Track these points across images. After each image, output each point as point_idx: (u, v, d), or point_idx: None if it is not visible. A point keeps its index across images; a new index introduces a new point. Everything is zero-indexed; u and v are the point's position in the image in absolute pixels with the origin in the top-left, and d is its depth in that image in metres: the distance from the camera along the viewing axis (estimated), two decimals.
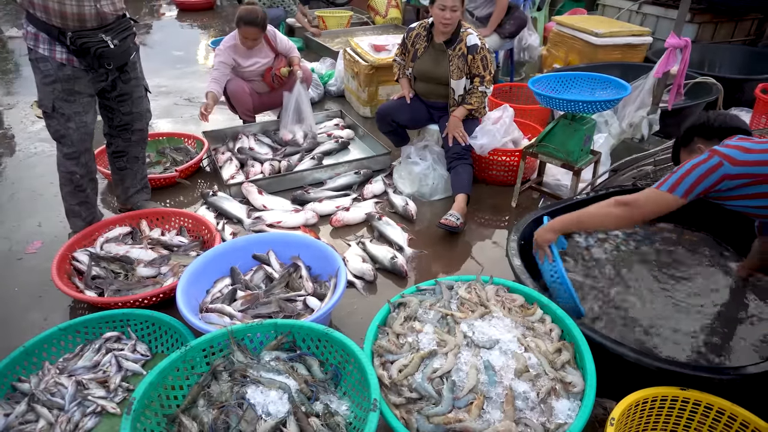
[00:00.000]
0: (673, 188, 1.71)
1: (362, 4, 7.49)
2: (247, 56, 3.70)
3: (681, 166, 1.74)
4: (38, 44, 2.32)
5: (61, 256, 2.49)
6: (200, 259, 2.37)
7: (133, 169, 2.95)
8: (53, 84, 2.37)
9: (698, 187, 1.69)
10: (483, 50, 3.04)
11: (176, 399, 1.68)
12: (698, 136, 1.92)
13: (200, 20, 8.65)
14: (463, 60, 3.04)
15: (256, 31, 3.54)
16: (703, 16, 5.28)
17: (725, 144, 1.75)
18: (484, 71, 3.06)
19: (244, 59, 3.70)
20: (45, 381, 1.93)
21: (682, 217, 2.43)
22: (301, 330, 1.84)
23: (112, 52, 2.39)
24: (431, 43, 3.15)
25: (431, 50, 3.16)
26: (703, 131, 1.91)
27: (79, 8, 2.27)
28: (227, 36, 3.69)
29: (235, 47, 3.64)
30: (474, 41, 3.02)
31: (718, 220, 2.45)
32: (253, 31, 3.53)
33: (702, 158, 1.71)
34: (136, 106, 2.73)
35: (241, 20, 3.48)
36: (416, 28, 3.23)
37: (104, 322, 2.16)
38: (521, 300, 1.96)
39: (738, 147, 1.71)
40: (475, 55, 3.02)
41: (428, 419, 1.56)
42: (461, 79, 3.09)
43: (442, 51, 3.11)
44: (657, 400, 1.68)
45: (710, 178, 1.68)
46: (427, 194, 3.34)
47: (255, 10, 3.52)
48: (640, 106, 3.59)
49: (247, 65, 3.73)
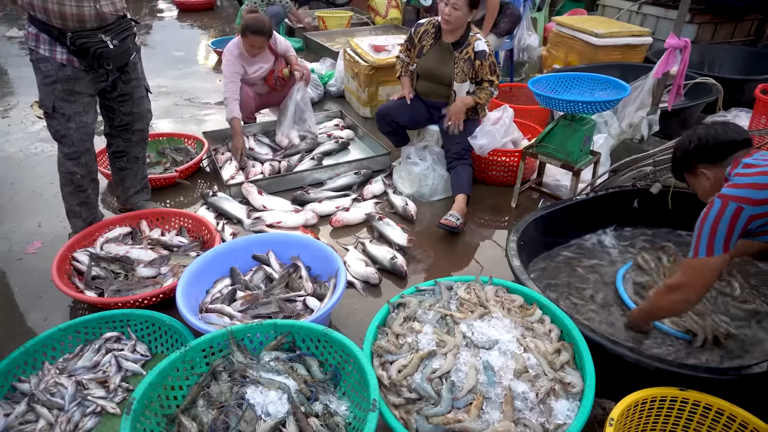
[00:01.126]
0: (711, 250, 1.66)
1: (362, 5, 7.50)
2: (252, 63, 3.70)
3: (702, 227, 1.68)
4: (39, 45, 2.33)
5: (61, 257, 2.49)
6: (200, 259, 2.38)
7: (134, 170, 2.95)
8: (54, 84, 2.38)
9: (732, 237, 1.65)
10: (491, 57, 3.05)
11: (176, 399, 1.69)
12: (697, 162, 1.86)
13: (200, 21, 8.65)
14: (469, 64, 3.03)
15: (263, 40, 3.55)
16: (703, 17, 5.29)
17: (734, 184, 1.69)
18: (492, 75, 3.07)
19: (249, 66, 3.70)
20: (45, 381, 1.93)
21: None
22: (300, 330, 1.84)
23: (111, 52, 2.40)
24: (438, 41, 3.14)
25: (438, 49, 3.15)
26: (700, 155, 1.85)
27: (78, 9, 2.27)
28: (230, 45, 3.65)
29: (241, 56, 3.64)
30: (482, 47, 3.01)
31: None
32: (260, 40, 3.53)
33: (717, 211, 1.65)
34: (137, 107, 2.74)
35: (248, 29, 3.48)
36: (425, 24, 3.21)
37: (104, 323, 2.16)
38: (520, 300, 1.96)
39: (750, 185, 1.65)
40: (483, 62, 3.02)
41: (427, 419, 1.56)
42: (464, 82, 3.08)
43: (449, 52, 3.09)
44: (656, 400, 1.68)
45: (738, 225, 1.63)
46: (426, 194, 3.35)
47: (261, 18, 3.53)
48: (640, 107, 3.60)
49: (252, 71, 3.73)
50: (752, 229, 1.66)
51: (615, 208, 2.71)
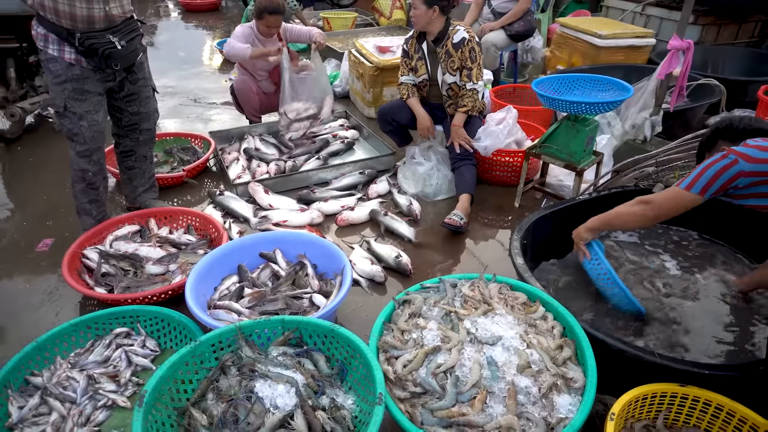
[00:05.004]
0: (691, 185, 1.75)
1: (367, 6, 7.53)
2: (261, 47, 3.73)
3: (698, 165, 1.78)
4: (48, 45, 2.37)
5: (72, 254, 2.53)
6: (208, 257, 2.41)
7: (141, 169, 2.99)
8: (64, 84, 2.42)
9: (714, 184, 1.72)
10: (471, 42, 3.08)
11: (186, 393, 1.72)
12: (722, 139, 1.94)
13: (205, 21, 8.71)
14: (449, 56, 3.11)
15: (279, 19, 3.61)
16: (706, 18, 5.30)
17: (744, 143, 1.77)
18: (472, 63, 3.10)
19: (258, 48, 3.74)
20: (57, 375, 1.97)
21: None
22: (307, 326, 1.87)
23: (119, 52, 2.44)
24: (424, 44, 3.22)
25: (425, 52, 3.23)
26: (727, 134, 1.92)
27: (89, 11, 2.31)
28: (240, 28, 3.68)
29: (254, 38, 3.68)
30: (461, 36, 3.07)
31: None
32: (277, 19, 3.60)
33: (718, 156, 1.74)
34: (144, 106, 2.78)
35: (265, 10, 3.52)
36: (409, 39, 3.31)
37: (114, 318, 2.20)
38: (524, 298, 1.99)
39: (756, 146, 1.73)
40: (462, 48, 3.07)
41: (432, 413, 1.59)
42: (445, 74, 3.17)
43: (433, 51, 3.19)
44: (657, 396, 1.71)
45: (725, 175, 1.70)
46: (431, 194, 3.38)
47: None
48: (643, 108, 3.61)
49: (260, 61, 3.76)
50: (738, 187, 1.72)
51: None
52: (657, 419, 1.75)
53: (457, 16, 4.42)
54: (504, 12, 4.58)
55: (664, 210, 1.83)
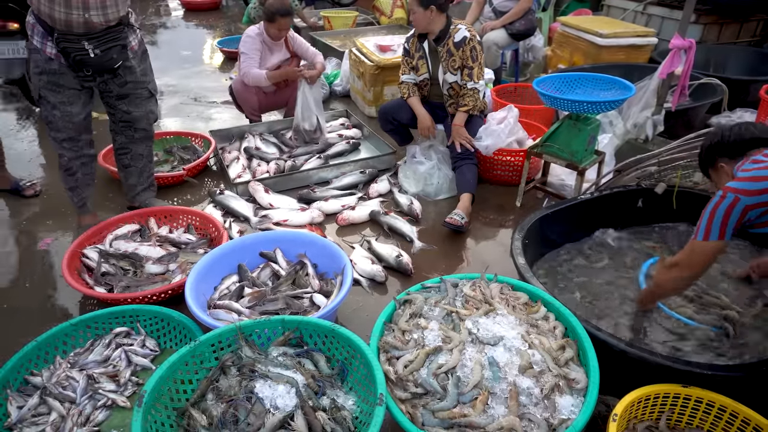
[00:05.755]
0: (707, 235, 1.73)
1: (367, 5, 7.52)
2: (270, 55, 3.74)
3: (704, 213, 1.76)
4: (34, 35, 2.40)
5: (72, 253, 2.52)
6: (208, 256, 2.40)
7: (138, 167, 2.96)
8: (41, 75, 2.46)
9: (728, 225, 1.71)
10: (472, 41, 3.07)
11: (185, 393, 1.71)
12: (718, 156, 1.90)
13: (206, 20, 8.70)
14: (450, 55, 3.09)
15: (291, 20, 3.66)
16: (708, 17, 5.28)
17: (737, 178, 1.75)
18: (473, 63, 3.09)
19: (266, 54, 3.76)
20: (57, 375, 1.96)
21: None
22: (308, 326, 1.87)
23: (91, 60, 2.42)
24: (425, 43, 3.20)
25: (426, 51, 3.22)
26: (722, 150, 1.89)
27: (67, 15, 2.29)
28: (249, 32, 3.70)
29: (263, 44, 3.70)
30: (462, 35, 3.06)
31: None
32: (289, 21, 3.64)
33: (717, 200, 1.72)
34: (137, 108, 2.74)
35: (277, 13, 3.55)
36: (410, 39, 3.30)
37: (114, 318, 2.19)
38: (525, 298, 1.98)
39: (748, 179, 1.70)
40: (464, 47, 3.06)
41: (433, 414, 1.58)
42: (447, 73, 3.16)
43: (434, 50, 3.18)
44: (659, 397, 1.70)
45: (735, 213, 1.69)
46: (432, 193, 3.37)
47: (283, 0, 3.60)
48: (645, 107, 3.60)
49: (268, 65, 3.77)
50: (750, 219, 1.71)
51: (619, 207, 2.72)
52: (660, 420, 1.74)
53: (458, 15, 4.40)
54: (505, 11, 4.57)
55: (696, 266, 1.82)
